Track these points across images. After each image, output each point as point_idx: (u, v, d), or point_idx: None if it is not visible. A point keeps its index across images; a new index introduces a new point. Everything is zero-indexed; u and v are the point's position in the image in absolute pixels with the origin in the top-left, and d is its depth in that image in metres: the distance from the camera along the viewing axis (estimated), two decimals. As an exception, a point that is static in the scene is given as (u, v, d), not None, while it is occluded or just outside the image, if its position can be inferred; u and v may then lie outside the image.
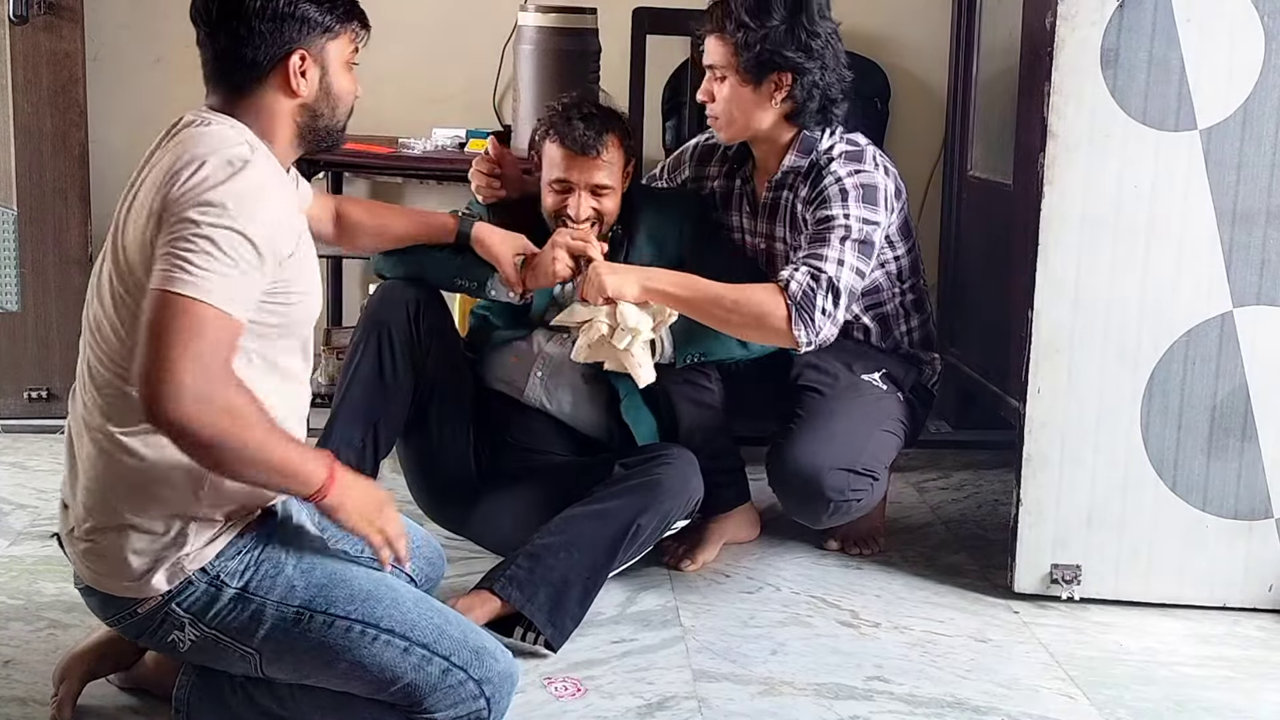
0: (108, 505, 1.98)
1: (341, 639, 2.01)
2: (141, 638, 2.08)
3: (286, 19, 2.02)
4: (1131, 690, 2.49)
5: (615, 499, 2.68)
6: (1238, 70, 2.65)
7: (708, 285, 2.70)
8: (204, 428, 1.83)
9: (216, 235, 1.87)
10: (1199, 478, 2.77)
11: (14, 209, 3.71)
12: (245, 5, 2.01)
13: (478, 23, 4.06)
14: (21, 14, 3.59)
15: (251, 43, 2.01)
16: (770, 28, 2.75)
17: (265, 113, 2.05)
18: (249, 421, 1.87)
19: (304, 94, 2.06)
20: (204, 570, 2.00)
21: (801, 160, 2.86)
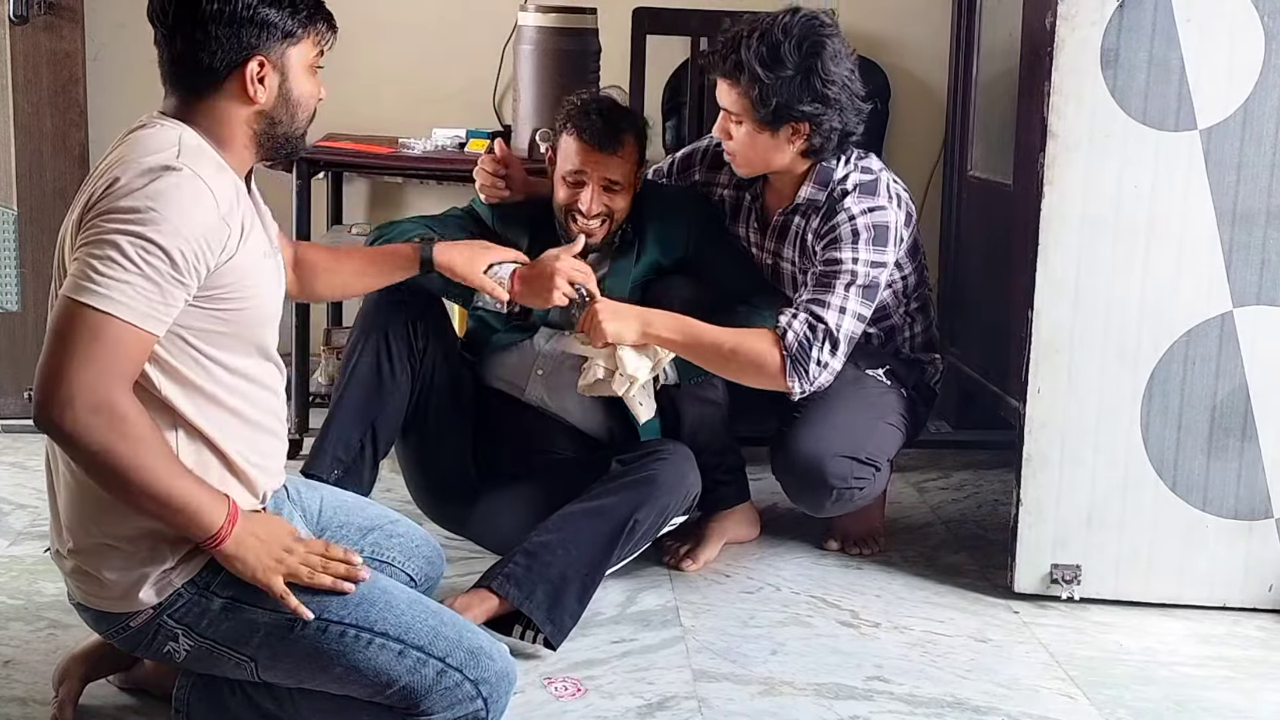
0: (84, 525, 1.98)
1: (335, 644, 2.00)
2: (137, 650, 2.08)
3: (245, 24, 1.96)
4: (1131, 690, 2.49)
5: (612, 495, 2.68)
6: (1238, 70, 2.65)
7: (705, 331, 2.71)
8: (91, 441, 1.80)
9: (125, 243, 1.81)
10: (1199, 478, 2.77)
11: (14, 209, 3.71)
12: (202, 9, 1.95)
13: (478, 23, 4.06)
14: (21, 14, 3.59)
15: (208, 48, 1.97)
16: (784, 78, 2.66)
17: (221, 119, 2.00)
18: (141, 443, 1.82)
19: (261, 101, 2.00)
20: (193, 582, 1.99)
21: (819, 193, 2.81)
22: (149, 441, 1.85)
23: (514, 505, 2.81)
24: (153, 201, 1.83)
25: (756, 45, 2.66)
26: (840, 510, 2.93)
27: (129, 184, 1.85)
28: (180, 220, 1.84)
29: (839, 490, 2.82)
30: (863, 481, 2.85)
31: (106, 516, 1.95)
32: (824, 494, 2.83)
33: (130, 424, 1.82)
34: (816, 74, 2.67)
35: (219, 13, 1.95)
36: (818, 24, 2.70)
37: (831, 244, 2.76)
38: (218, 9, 1.95)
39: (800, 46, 2.66)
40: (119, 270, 1.81)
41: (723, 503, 3.01)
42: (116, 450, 1.81)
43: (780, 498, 3.35)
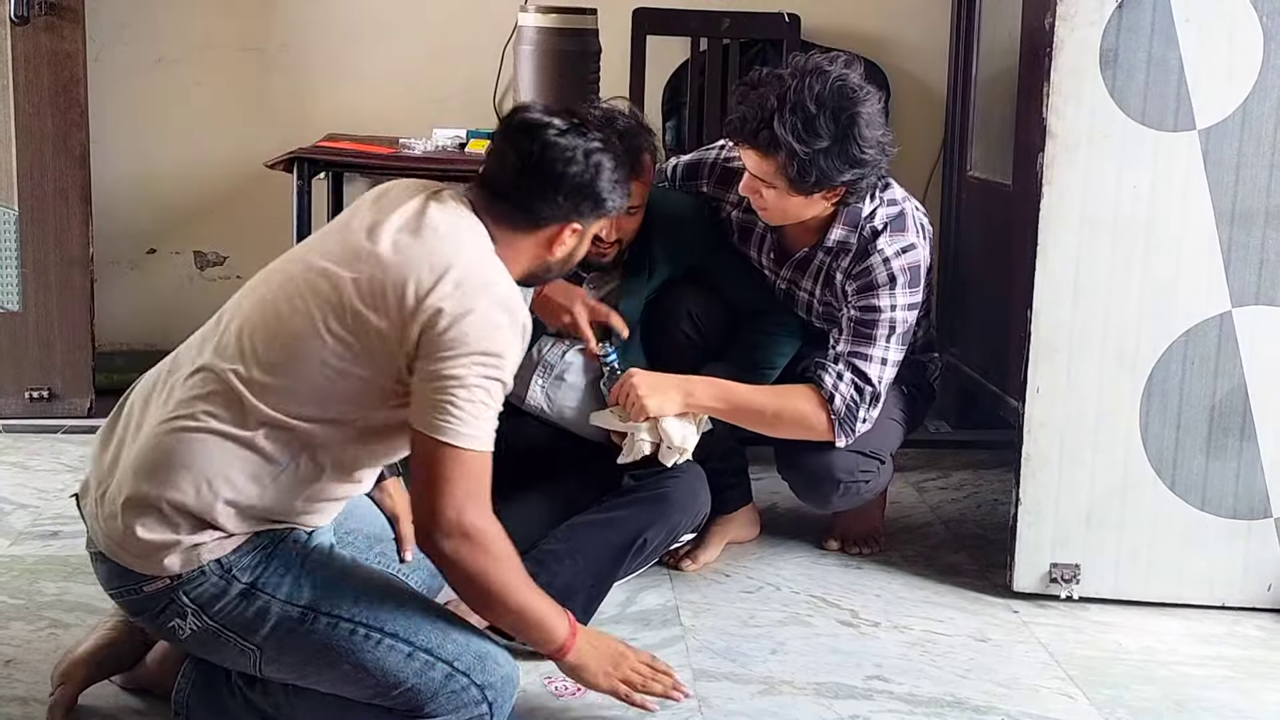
0: (146, 478, 1.99)
1: (345, 641, 2.01)
2: (141, 616, 2.09)
3: (587, 198, 2.13)
4: (1131, 690, 2.49)
5: (623, 510, 2.68)
6: (1236, 70, 2.65)
7: (746, 396, 2.71)
8: (470, 564, 1.99)
9: (490, 387, 2.00)
10: (1198, 477, 2.77)
11: (15, 209, 3.71)
12: (563, 171, 2.09)
13: (478, 23, 4.06)
14: (22, 14, 3.59)
15: (547, 203, 2.11)
16: (819, 151, 2.56)
17: (516, 250, 2.14)
18: (503, 561, 2.02)
19: (557, 256, 2.18)
20: (218, 562, 2.01)
21: (850, 235, 2.77)
22: (508, 560, 2.04)
23: (515, 513, 2.79)
24: (509, 346, 2.02)
25: (790, 119, 2.55)
26: (847, 505, 2.94)
27: (490, 322, 1.99)
28: (513, 354, 2.05)
29: (845, 484, 2.83)
30: (868, 475, 2.86)
31: (172, 480, 1.98)
32: (830, 488, 2.84)
33: (494, 544, 2.01)
34: (854, 142, 2.58)
35: (573, 183, 2.11)
36: (850, 90, 2.59)
37: (867, 289, 2.75)
38: (574, 178, 2.11)
39: (836, 118, 2.57)
40: (482, 411, 1.99)
41: (727, 506, 3.00)
42: (488, 571, 2.00)
43: (780, 498, 3.35)
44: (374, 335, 2.00)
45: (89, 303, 3.79)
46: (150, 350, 4.17)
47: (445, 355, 1.96)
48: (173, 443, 1.99)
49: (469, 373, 1.97)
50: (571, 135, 2.11)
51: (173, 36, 4.08)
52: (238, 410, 2.00)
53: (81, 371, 3.79)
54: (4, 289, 3.75)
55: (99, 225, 3.88)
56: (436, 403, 1.97)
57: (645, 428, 2.66)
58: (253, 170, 3.94)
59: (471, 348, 1.97)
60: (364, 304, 2.00)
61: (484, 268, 2.05)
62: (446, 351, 1.96)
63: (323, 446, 2.03)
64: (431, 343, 1.97)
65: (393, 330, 1.99)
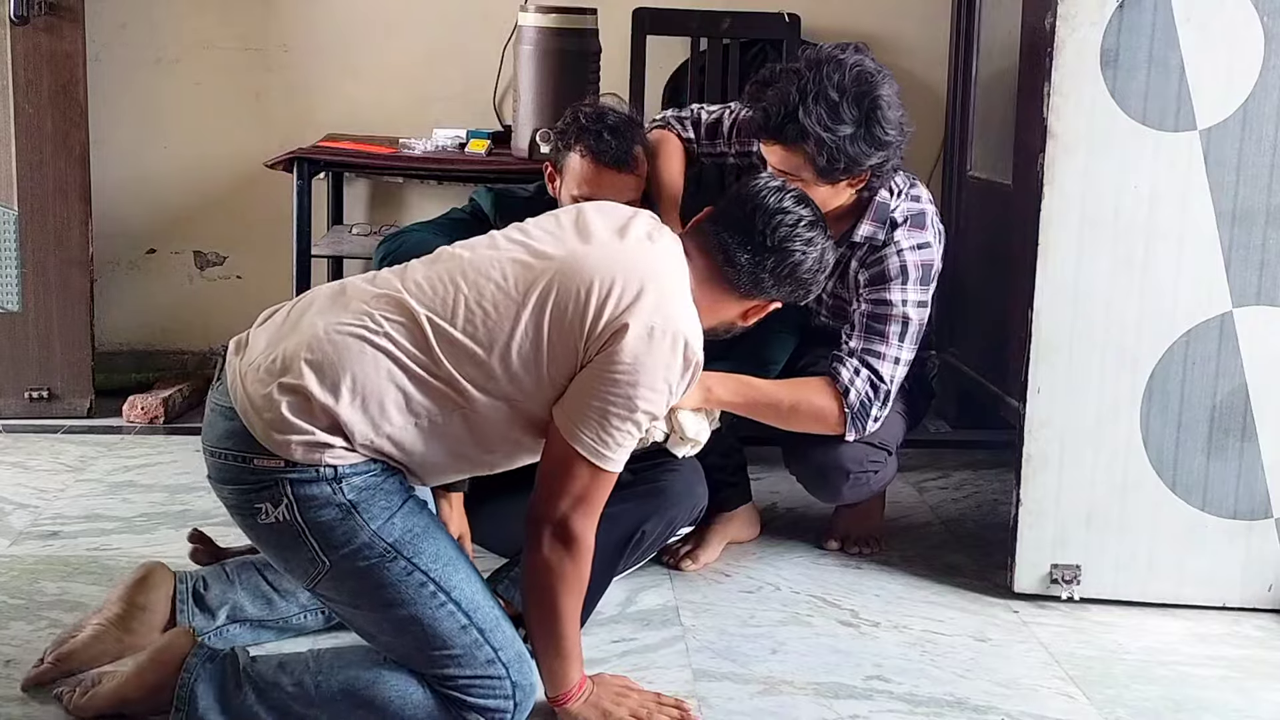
0: (324, 375, 2.04)
1: (413, 590, 2.07)
2: (230, 486, 2.11)
3: (801, 286, 2.29)
4: (1131, 690, 2.49)
5: (620, 504, 2.67)
6: (1237, 71, 2.65)
7: (762, 390, 2.72)
8: (549, 553, 2.10)
9: (642, 420, 2.10)
10: (1199, 478, 2.77)
11: (15, 209, 3.71)
12: (801, 264, 2.25)
13: (478, 23, 4.07)
14: (22, 14, 3.59)
15: (776, 286, 2.26)
16: (845, 137, 2.60)
17: (713, 299, 2.24)
18: (578, 578, 2.13)
19: (747, 322, 2.32)
20: (334, 469, 2.05)
21: (879, 231, 2.79)
22: (580, 582, 2.14)
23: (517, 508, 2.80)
24: (676, 383, 2.12)
25: (815, 108, 2.58)
26: (855, 497, 2.94)
27: (665, 354, 2.08)
28: (676, 397, 2.16)
29: (855, 475, 2.84)
30: (876, 465, 2.87)
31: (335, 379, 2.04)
32: (841, 479, 2.84)
33: (581, 557, 2.12)
34: (878, 124, 2.61)
35: (802, 277, 2.27)
36: (868, 74, 2.63)
37: (880, 280, 2.77)
38: (806, 275, 2.27)
39: (859, 103, 2.60)
40: (627, 440, 2.10)
41: (726, 505, 3.01)
42: (566, 577, 2.12)
43: (780, 497, 3.36)
44: (567, 326, 2.07)
45: (89, 303, 3.79)
46: (150, 350, 4.19)
47: (618, 376, 2.05)
48: (351, 344, 2.07)
49: (630, 401, 2.07)
50: (817, 229, 2.28)
51: (173, 36, 4.08)
52: (422, 348, 2.07)
53: (81, 371, 3.80)
54: (4, 289, 3.75)
55: (99, 225, 3.88)
56: (588, 417, 2.07)
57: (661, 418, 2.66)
58: (253, 170, 3.94)
59: (644, 377, 2.06)
60: (565, 292, 2.08)
61: (681, 303, 2.14)
62: (621, 374, 2.05)
63: (476, 415, 2.11)
64: (611, 356, 2.05)
65: (586, 328, 2.07)
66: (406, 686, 2.09)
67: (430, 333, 2.08)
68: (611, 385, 2.06)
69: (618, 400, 2.07)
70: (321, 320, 2.11)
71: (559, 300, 2.08)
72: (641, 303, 2.07)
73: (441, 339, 2.08)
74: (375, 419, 2.06)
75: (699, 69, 4.01)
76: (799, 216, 2.25)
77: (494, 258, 2.15)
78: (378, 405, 2.06)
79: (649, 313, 2.07)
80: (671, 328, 2.09)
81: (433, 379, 2.08)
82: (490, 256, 2.16)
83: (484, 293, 2.11)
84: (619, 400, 2.07)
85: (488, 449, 2.18)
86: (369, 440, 2.07)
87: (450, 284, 2.12)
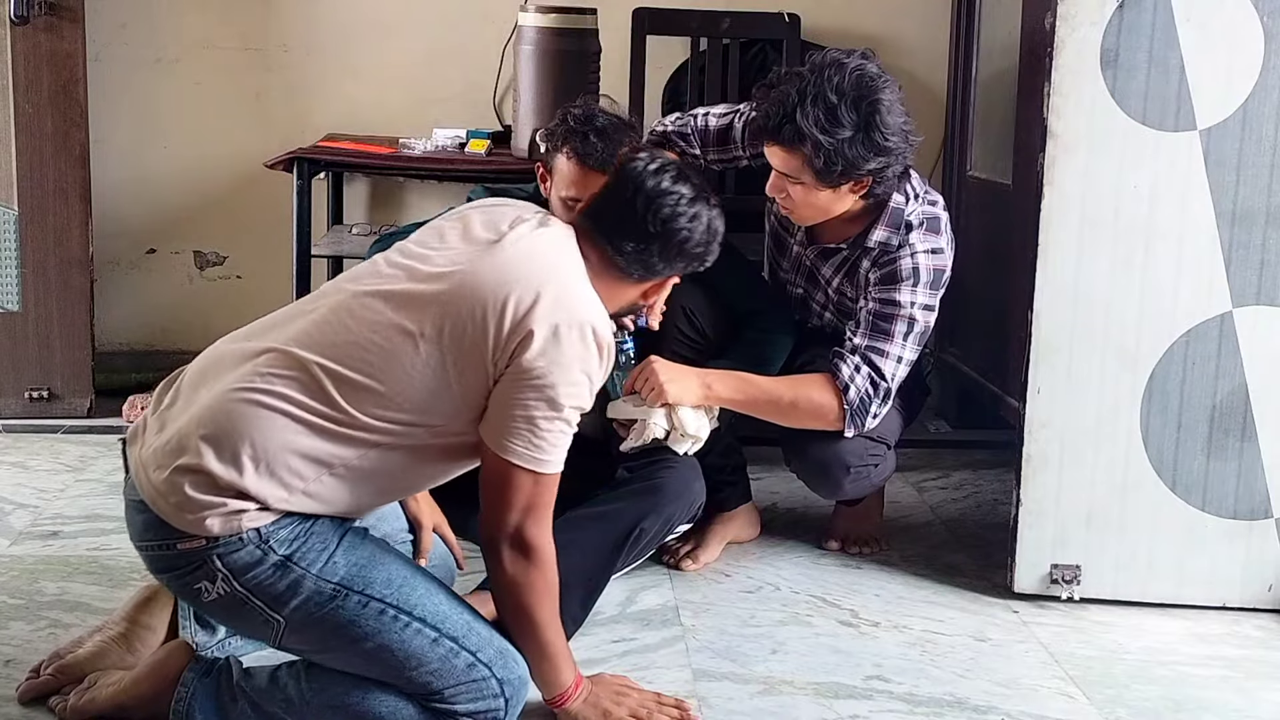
0: (220, 446, 1.99)
1: (374, 621, 2.03)
2: (167, 575, 2.08)
3: (690, 258, 2.24)
4: (1131, 690, 2.49)
5: (618, 502, 2.68)
6: (1237, 70, 2.65)
7: (763, 387, 2.72)
8: (513, 568, 2.09)
9: (570, 415, 2.06)
10: (1198, 478, 2.77)
11: (15, 209, 3.71)
12: (688, 239, 2.20)
13: (478, 23, 4.07)
14: (22, 14, 3.59)
15: (666, 263, 2.22)
16: (843, 140, 2.58)
17: (612, 287, 2.20)
18: (547, 589, 2.12)
19: (649, 301, 2.28)
20: (256, 531, 2.01)
21: (893, 237, 2.78)
22: (551, 586, 2.13)
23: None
24: (595, 372, 2.08)
25: (812, 110, 2.57)
26: (856, 492, 2.94)
27: (577, 348, 2.04)
28: (596, 386, 2.11)
29: (855, 469, 2.84)
30: (876, 459, 2.87)
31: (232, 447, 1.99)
32: (841, 474, 2.84)
33: (544, 563, 2.10)
34: (877, 129, 2.59)
35: (694, 252, 2.23)
36: (868, 78, 2.61)
37: (891, 280, 2.77)
38: (695, 248, 2.22)
39: (858, 106, 2.59)
40: (560, 438, 2.07)
41: (726, 504, 3.01)
42: (534, 586, 2.10)
43: (780, 497, 3.36)
44: (470, 347, 2.03)
45: (89, 303, 3.79)
46: (150, 350, 4.19)
47: (534, 381, 2.02)
48: (245, 410, 2.01)
49: (554, 402, 2.03)
50: (700, 204, 2.21)
51: (173, 36, 4.09)
52: (320, 398, 2.02)
53: (81, 371, 3.80)
54: (4, 289, 3.75)
55: (99, 225, 3.88)
56: (516, 428, 2.04)
57: (661, 413, 2.66)
58: (253, 170, 3.94)
59: (561, 375, 2.03)
60: (460, 315, 2.03)
61: (580, 293, 2.11)
62: (537, 378, 2.02)
63: (396, 450, 2.06)
64: (523, 364, 2.02)
65: (491, 344, 2.03)
66: (397, 702, 2.08)
67: (326, 380, 2.01)
68: (531, 392, 2.03)
69: (540, 404, 2.03)
70: (211, 390, 2.05)
71: (455, 325, 2.03)
72: (540, 305, 2.03)
73: (339, 384, 2.01)
74: (285, 480, 2.01)
75: (699, 69, 4.01)
76: (679, 195, 2.19)
77: (380, 288, 2.09)
78: (284, 467, 2.00)
79: (550, 312, 2.03)
80: (576, 320, 2.04)
81: (339, 426, 2.02)
82: (376, 288, 2.10)
83: (375, 327, 2.04)
84: (542, 404, 2.03)
85: (416, 476, 2.16)
86: (283, 503, 2.02)
87: (339, 325, 2.06)
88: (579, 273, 2.14)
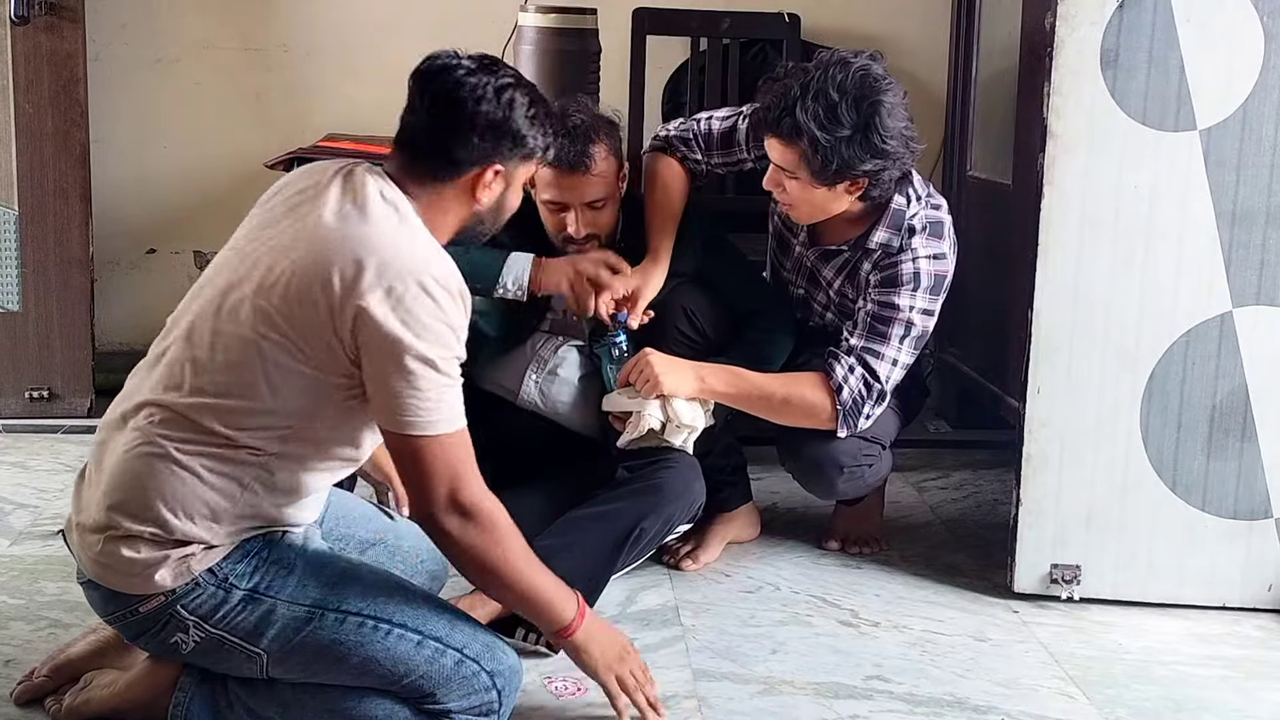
0: (134, 507, 1.98)
1: (354, 635, 2.02)
2: (142, 638, 2.08)
3: (506, 135, 2.09)
4: (1131, 690, 2.49)
5: (618, 502, 2.69)
6: (1237, 71, 2.65)
7: (756, 382, 2.73)
8: (469, 540, 2.00)
9: (444, 367, 1.96)
10: (1198, 478, 2.77)
11: (15, 209, 3.71)
12: (477, 109, 2.06)
13: (478, 23, 4.06)
14: (22, 14, 3.59)
15: (465, 144, 2.07)
16: (842, 139, 2.58)
17: (441, 206, 2.10)
18: (506, 543, 2.03)
19: (483, 203, 2.12)
20: (211, 572, 2.00)
21: (894, 239, 2.78)
22: (510, 536, 2.04)
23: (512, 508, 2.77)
24: (450, 319, 1.97)
25: (812, 106, 2.57)
26: (850, 492, 2.95)
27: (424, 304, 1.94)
28: (460, 328, 2.01)
29: (849, 469, 2.84)
30: (870, 459, 2.87)
31: (145, 505, 1.97)
32: (835, 474, 2.84)
33: (491, 519, 2.02)
34: (875, 131, 2.59)
35: (490, 118, 2.07)
36: (872, 79, 2.62)
37: (891, 283, 2.77)
38: (490, 114, 2.07)
39: (858, 106, 2.59)
40: (445, 393, 1.97)
41: (726, 504, 3.01)
42: (489, 547, 2.02)
43: (780, 497, 3.36)
44: (309, 331, 1.96)
45: (89, 303, 3.79)
46: (150, 350, 4.18)
47: (391, 350, 1.93)
48: (139, 468, 1.98)
49: (420, 361, 1.93)
50: (481, 74, 2.09)
51: (173, 36, 4.08)
52: (199, 430, 1.98)
53: (81, 371, 3.80)
54: (4, 289, 3.75)
55: (99, 225, 3.88)
56: (397, 402, 1.95)
57: (655, 405, 2.66)
58: (253, 170, 3.94)
59: (418, 333, 1.93)
60: (292, 301, 1.96)
61: (407, 247, 1.98)
62: (396, 348, 1.93)
63: (287, 450, 2.01)
64: (371, 341, 1.93)
65: (326, 324, 1.94)
66: (392, 705, 2.07)
67: (193, 414, 1.97)
68: (393, 362, 1.93)
69: (410, 368, 1.93)
70: (111, 458, 2.03)
71: (288, 317, 1.96)
72: (364, 277, 1.92)
73: (205, 413, 1.97)
74: (210, 519, 1.98)
75: (699, 69, 4.01)
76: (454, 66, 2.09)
77: (217, 294, 2.04)
78: (202, 505, 1.97)
79: (376, 280, 1.93)
80: (409, 278, 1.94)
81: (230, 450, 1.97)
82: (205, 303, 2.05)
83: (215, 345, 2.00)
84: (414, 369, 1.93)
85: (326, 460, 2.08)
86: (222, 536, 2.00)
87: (189, 358, 2.01)
88: (395, 225, 2.01)
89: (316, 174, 2.10)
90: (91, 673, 2.23)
